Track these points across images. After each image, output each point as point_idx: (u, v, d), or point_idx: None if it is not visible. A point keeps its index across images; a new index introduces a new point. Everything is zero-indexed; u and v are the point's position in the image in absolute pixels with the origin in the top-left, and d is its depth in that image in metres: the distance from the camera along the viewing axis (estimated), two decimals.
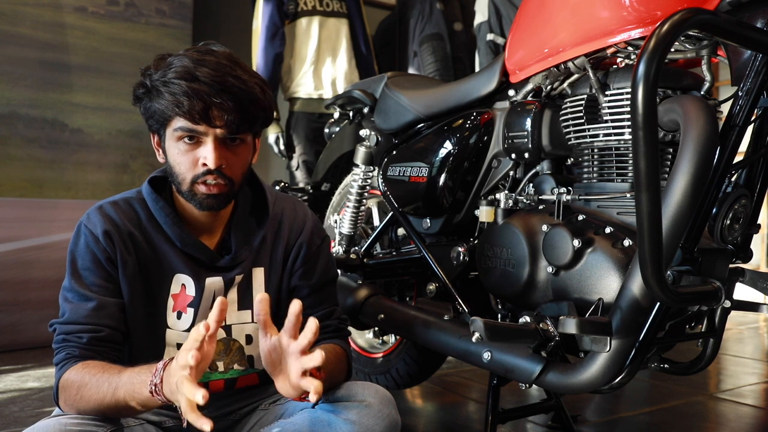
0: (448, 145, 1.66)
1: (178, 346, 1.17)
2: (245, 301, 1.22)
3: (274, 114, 3.21)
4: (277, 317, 1.23)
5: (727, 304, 1.27)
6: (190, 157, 1.10)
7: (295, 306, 0.98)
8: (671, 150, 1.28)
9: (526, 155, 1.47)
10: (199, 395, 0.85)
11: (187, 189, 1.12)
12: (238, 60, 1.13)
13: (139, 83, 1.12)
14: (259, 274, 1.23)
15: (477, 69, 3.57)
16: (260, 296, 0.99)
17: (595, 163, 1.34)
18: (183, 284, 1.17)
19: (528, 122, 1.45)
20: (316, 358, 0.94)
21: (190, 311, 1.18)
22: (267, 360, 1.02)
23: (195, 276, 1.17)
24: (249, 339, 1.23)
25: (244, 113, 1.09)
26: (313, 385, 0.94)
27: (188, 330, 1.18)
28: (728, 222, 1.21)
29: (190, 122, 1.07)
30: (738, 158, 1.21)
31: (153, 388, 0.95)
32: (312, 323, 0.96)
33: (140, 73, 1.12)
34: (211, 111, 1.06)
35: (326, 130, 2.33)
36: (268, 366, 1.03)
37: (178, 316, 1.17)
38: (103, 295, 1.11)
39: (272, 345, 1.00)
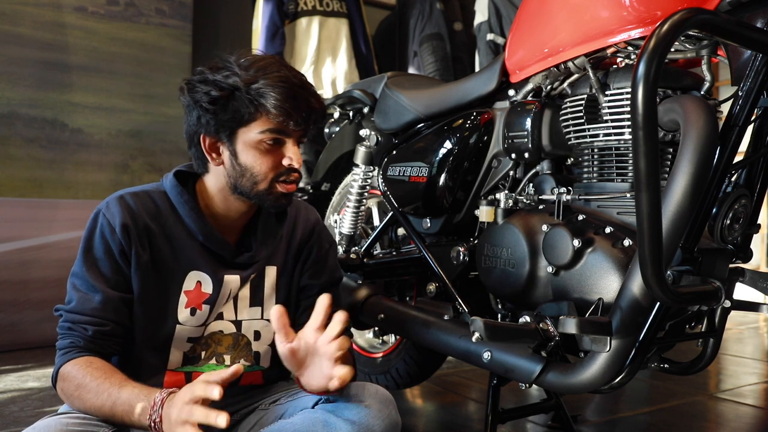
0: (448, 145, 1.66)
1: (189, 340, 1.18)
2: (256, 298, 1.24)
3: None
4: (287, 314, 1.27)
5: (727, 304, 1.27)
6: (272, 157, 1.14)
7: (325, 300, 1.04)
8: (671, 150, 1.28)
9: (526, 155, 1.47)
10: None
11: (264, 188, 1.15)
12: None
13: (214, 85, 1.10)
14: (271, 272, 1.26)
15: (477, 69, 3.57)
16: (278, 310, 1.03)
17: (595, 163, 1.34)
18: (198, 281, 1.18)
19: (528, 122, 1.45)
20: (344, 344, 1.01)
21: (206, 308, 1.19)
22: (291, 361, 1.06)
23: (213, 272, 1.18)
24: (257, 335, 1.25)
25: (317, 114, 1.15)
26: (341, 372, 0.99)
27: (202, 325, 1.19)
28: (728, 222, 1.21)
29: (281, 125, 1.11)
30: (738, 158, 1.21)
31: (152, 424, 0.96)
32: (341, 314, 1.02)
33: (205, 74, 1.11)
34: (299, 113, 1.11)
35: (326, 130, 2.33)
36: (293, 366, 1.06)
37: (192, 312, 1.18)
38: (112, 288, 1.12)
39: (294, 347, 1.04)
